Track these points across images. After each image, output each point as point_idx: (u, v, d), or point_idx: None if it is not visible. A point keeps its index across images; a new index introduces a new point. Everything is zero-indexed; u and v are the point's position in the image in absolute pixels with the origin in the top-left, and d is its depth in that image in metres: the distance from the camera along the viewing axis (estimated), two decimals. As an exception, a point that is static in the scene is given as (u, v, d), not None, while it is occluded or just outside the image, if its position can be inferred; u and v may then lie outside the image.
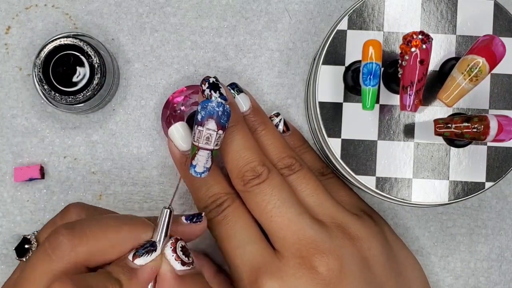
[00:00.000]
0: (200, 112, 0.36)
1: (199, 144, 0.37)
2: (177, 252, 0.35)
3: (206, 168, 0.37)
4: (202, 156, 0.37)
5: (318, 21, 0.47)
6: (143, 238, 0.35)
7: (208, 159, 0.37)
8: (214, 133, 0.37)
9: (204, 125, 0.36)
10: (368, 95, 0.37)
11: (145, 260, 0.35)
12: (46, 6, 0.46)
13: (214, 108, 0.36)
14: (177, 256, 0.35)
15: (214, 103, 0.36)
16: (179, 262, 0.35)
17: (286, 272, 0.38)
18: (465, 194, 0.40)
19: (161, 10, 0.46)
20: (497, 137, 0.36)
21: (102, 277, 0.33)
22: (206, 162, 0.37)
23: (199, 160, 0.37)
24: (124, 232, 0.35)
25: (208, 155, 0.37)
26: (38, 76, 0.43)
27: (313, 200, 0.41)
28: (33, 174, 0.45)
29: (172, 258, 0.35)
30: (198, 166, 0.37)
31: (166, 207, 0.36)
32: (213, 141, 0.37)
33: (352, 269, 0.39)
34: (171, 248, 0.36)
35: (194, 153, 0.37)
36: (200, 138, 0.37)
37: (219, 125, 0.37)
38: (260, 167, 0.39)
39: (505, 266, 0.47)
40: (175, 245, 0.36)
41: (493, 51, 0.36)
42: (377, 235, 0.41)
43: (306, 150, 0.45)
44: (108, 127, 0.46)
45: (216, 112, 0.36)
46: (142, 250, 0.35)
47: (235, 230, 0.40)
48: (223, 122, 0.37)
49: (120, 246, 0.35)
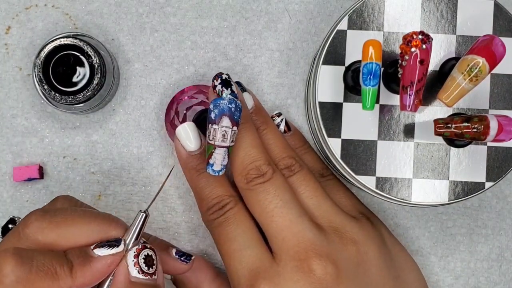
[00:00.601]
0: (213, 111, 0.37)
1: (215, 143, 0.37)
2: (138, 259, 0.36)
3: (223, 165, 0.38)
4: (219, 154, 0.37)
5: (318, 21, 0.47)
6: (112, 234, 0.36)
7: (225, 156, 0.37)
8: (229, 130, 0.37)
9: (218, 123, 0.37)
10: (368, 95, 0.37)
11: (104, 252, 0.35)
12: (46, 6, 0.46)
13: (227, 105, 0.36)
14: (137, 262, 0.35)
15: (227, 100, 0.36)
16: (137, 269, 0.35)
17: (283, 277, 0.38)
18: (465, 194, 0.40)
19: (161, 10, 0.46)
20: (497, 137, 0.36)
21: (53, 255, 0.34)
22: (223, 160, 0.37)
23: (217, 158, 0.37)
24: (94, 224, 0.35)
25: (225, 153, 0.37)
26: (38, 76, 0.43)
27: (312, 202, 0.41)
28: (32, 174, 0.45)
29: (131, 263, 0.35)
30: (215, 165, 0.37)
31: (142, 211, 0.36)
32: (229, 138, 0.37)
33: (349, 273, 0.39)
34: (135, 253, 0.36)
35: (211, 152, 0.37)
36: (216, 136, 0.37)
37: (233, 121, 0.37)
38: (265, 166, 0.39)
39: (505, 266, 0.47)
40: (140, 251, 0.36)
41: (493, 51, 0.36)
42: (374, 239, 0.41)
43: (307, 151, 0.45)
44: (108, 127, 0.46)
45: (229, 108, 0.36)
46: (105, 243, 0.35)
47: (236, 233, 0.40)
48: (236, 118, 0.37)
49: (88, 237, 0.35)
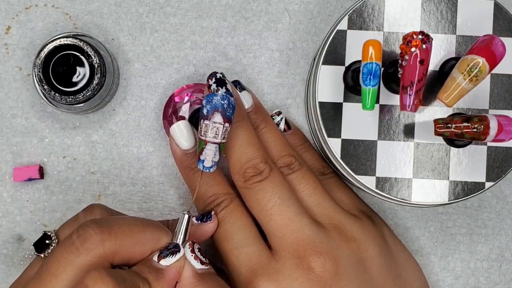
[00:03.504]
0: (205, 106, 0.36)
1: (206, 138, 0.37)
2: (195, 253, 0.37)
3: (214, 162, 0.37)
4: (210, 150, 0.37)
5: (318, 21, 0.47)
6: (163, 241, 0.36)
7: (216, 153, 0.37)
8: (220, 126, 0.37)
9: (210, 119, 0.37)
10: (368, 95, 0.37)
11: (169, 261, 0.36)
12: (46, 6, 0.46)
13: (219, 101, 0.36)
14: (196, 256, 0.37)
15: (219, 96, 0.36)
16: (198, 261, 0.37)
17: (282, 274, 0.38)
18: (465, 194, 0.40)
19: (161, 10, 0.46)
20: (497, 137, 0.36)
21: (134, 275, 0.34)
22: (214, 156, 0.37)
23: (207, 154, 0.37)
24: (148, 233, 0.36)
25: (216, 149, 0.37)
26: (38, 76, 0.43)
27: (312, 200, 0.41)
28: (32, 174, 0.45)
29: (191, 258, 0.37)
30: (206, 161, 0.37)
31: (185, 212, 0.37)
32: (220, 134, 0.37)
33: (348, 271, 0.39)
34: (190, 249, 0.37)
35: (202, 148, 0.37)
36: (207, 132, 0.37)
37: (225, 118, 0.37)
38: (262, 164, 0.39)
39: (505, 266, 0.47)
40: (192, 246, 0.37)
41: (493, 51, 0.36)
42: (375, 237, 0.41)
43: (307, 149, 0.45)
44: (108, 127, 0.46)
45: (221, 105, 0.36)
46: (166, 251, 0.36)
47: (233, 230, 0.40)
48: (228, 115, 0.37)
49: (144, 245, 0.36)
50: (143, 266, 0.35)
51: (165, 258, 0.36)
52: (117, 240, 0.34)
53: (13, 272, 0.46)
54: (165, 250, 0.36)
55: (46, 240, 0.40)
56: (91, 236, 0.34)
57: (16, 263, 0.46)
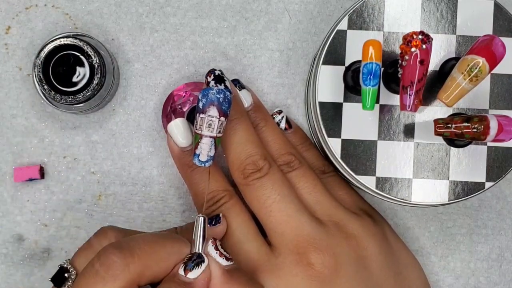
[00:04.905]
0: (201, 100, 0.36)
1: (201, 132, 0.37)
2: (219, 249, 0.36)
3: (209, 156, 0.37)
4: (205, 144, 0.37)
5: (318, 21, 0.47)
6: (184, 252, 0.36)
7: (211, 147, 0.37)
8: (216, 120, 0.36)
9: (206, 112, 0.36)
10: (368, 95, 0.37)
11: (196, 273, 0.35)
12: (46, 6, 0.46)
13: (215, 95, 0.36)
14: (220, 253, 0.36)
15: (215, 90, 0.36)
16: (223, 258, 0.36)
17: (282, 270, 0.38)
18: (465, 194, 0.40)
19: (161, 10, 0.46)
20: (497, 137, 0.36)
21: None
22: (210, 151, 0.37)
23: (203, 148, 0.37)
24: (169, 246, 0.35)
25: (211, 143, 0.37)
26: (38, 76, 0.43)
27: (312, 197, 0.41)
28: (32, 174, 0.45)
29: (217, 256, 0.36)
30: (201, 155, 0.37)
31: (200, 216, 0.37)
32: (215, 128, 0.37)
33: (347, 267, 0.39)
34: (213, 246, 0.37)
35: (197, 142, 0.37)
36: (203, 125, 0.36)
37: (220, 111, 0.36)
38: (261, 161, 0.39)
39: (505, 266, 0.47)
40: (215, 243, 0.37)
41: (493, 51, 0.36)
42: (375, 235, 0.41)
43: (308, 148, 0.45)
44: (108, 127, 0.46)
45: (217, 98, 0.36)
46: (191, 264, 0.35)
47: (233, 227, 0.40)
48: (224, 108, 0.36)
49: (167, 261, 0.35)
50: (172, 283, 0.34)
51: (192, 271, 0.35)
52: (141, 261, 0.33)
53: (13, 272, 0.46)
54: (190, 263, 0.35)
55: (64, 273, 0.37)
56: (115, 262, 0.33)
57: (16, 263, 0.46)
